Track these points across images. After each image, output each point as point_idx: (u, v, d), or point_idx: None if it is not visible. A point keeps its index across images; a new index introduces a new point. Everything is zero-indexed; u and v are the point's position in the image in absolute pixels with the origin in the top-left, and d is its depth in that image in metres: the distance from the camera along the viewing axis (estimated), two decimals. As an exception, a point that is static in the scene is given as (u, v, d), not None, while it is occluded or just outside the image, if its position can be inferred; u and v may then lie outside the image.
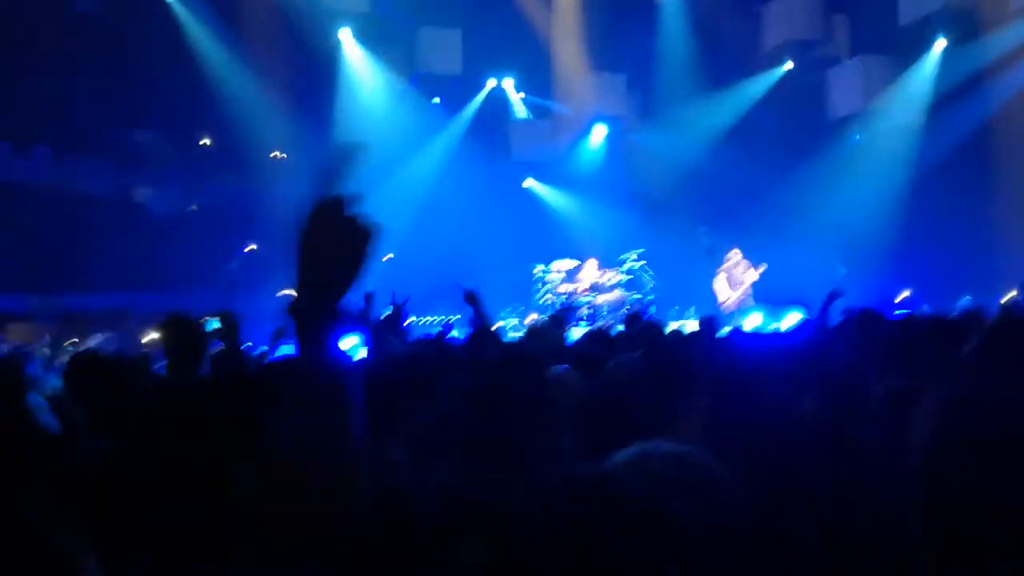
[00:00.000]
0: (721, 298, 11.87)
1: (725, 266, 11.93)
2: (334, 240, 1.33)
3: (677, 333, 5.79)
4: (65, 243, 12.46)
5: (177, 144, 14.41)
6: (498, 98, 15.91)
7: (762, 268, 11.69)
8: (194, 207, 14.42)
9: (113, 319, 9.94)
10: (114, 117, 13.46)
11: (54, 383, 5.64)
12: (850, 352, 3.87)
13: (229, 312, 4.20)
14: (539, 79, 15.54)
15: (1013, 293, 9.21)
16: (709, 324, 6.47)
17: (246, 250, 10.47)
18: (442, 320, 12.70)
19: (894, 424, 1.99)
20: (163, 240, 13.20)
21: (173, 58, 13.34)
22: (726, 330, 6.94)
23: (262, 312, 11.80)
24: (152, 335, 9.34)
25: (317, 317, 1.30)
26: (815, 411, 2.30)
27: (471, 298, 4.75)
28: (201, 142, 14.57)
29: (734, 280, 11.73)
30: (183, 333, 3.93)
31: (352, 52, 14.76)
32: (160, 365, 5.19)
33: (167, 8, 13.49)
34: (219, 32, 13.73)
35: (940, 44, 13.26)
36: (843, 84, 14.50)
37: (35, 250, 12.14)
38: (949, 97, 12.90)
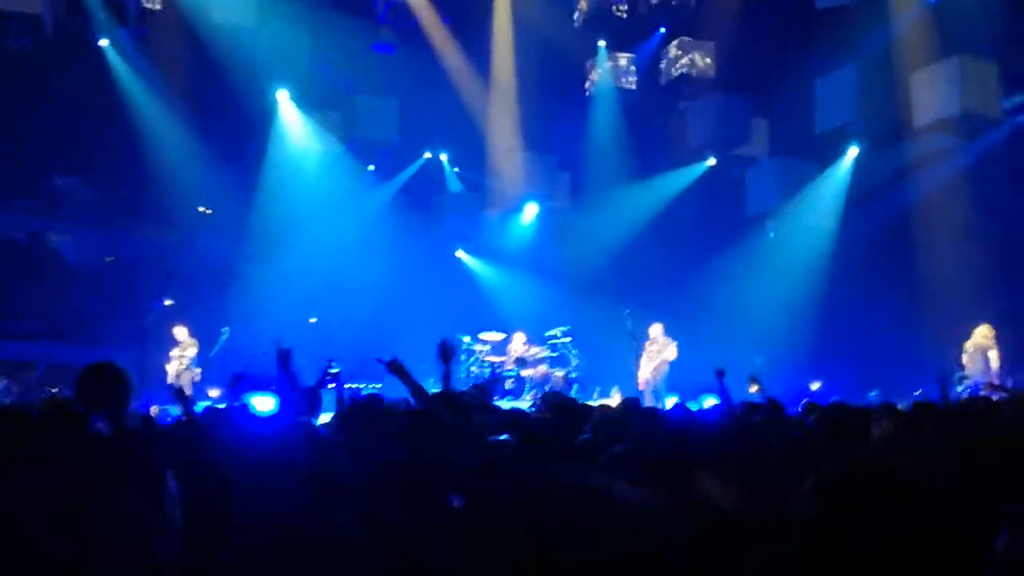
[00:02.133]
0: (640, 375, 12.04)
1: (647, 344, 12.16)
2: None
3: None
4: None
5: (98, 191, 13.96)
6: (432, 170, 16.12)
7: (672, 349, 11.92)
8: (110, 258, 13.90)
9: (19, 369, 9.38)
10: (36, 159, 13.01)
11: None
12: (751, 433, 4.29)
13: None
14: (473, 155, 15.84)
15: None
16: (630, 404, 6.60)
17: (163, 304, 10.12)
18: (363, 388, 12.49)
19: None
20: (77, 289, 12.64)
21: (101, 103, 13.07)
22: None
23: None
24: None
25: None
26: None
27: (395, 368, 4.64)
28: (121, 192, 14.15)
29: (649, 357, 11.94)
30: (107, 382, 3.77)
31: (288, 113, 14.76)
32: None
33: (99, 53, 13.26)
34: (152, 80, 13.54)
35: (853, 151, 14.18)
36: (760, 183, 15.29)
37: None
38: (861, 201, 13.76)
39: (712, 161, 15.60)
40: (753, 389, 12.17)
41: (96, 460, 2.59)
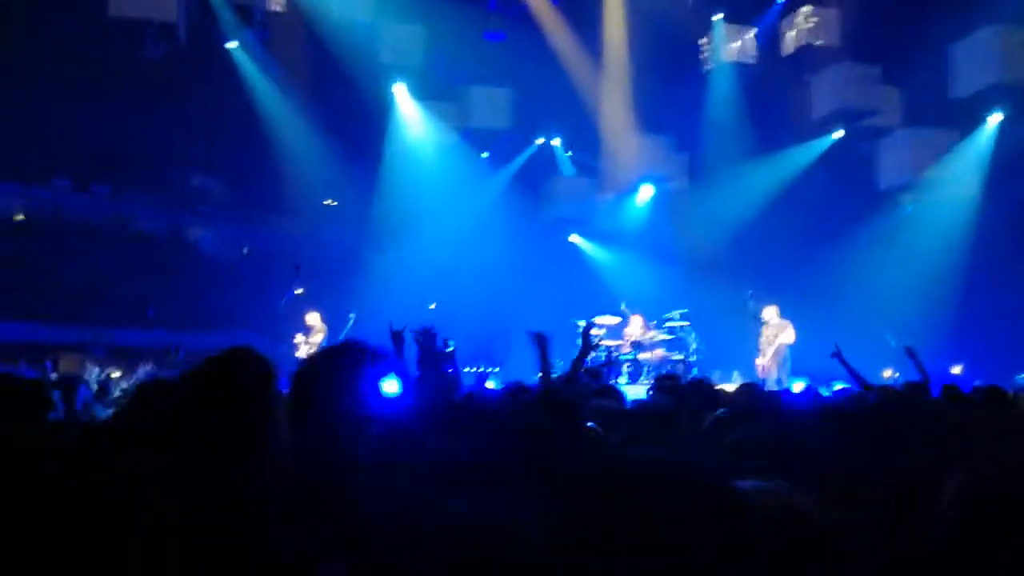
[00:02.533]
0: (758, 361, 11.68)
1: (763, 328, 11.76)
2: None
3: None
4: (118, 278, 12.77)
5: (232, 187, 14.81)
6: (546, 155, 16.12)
7: (789, 332, 11.44)
8: (245, 250, 14.75)
9: (160, 356, 10.09)
10: (172, 158, 13.91)
11: (102, 413, 5.70)
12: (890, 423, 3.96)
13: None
14: (587, 138, 15.73)
15: None
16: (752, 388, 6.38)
17: (295, 292, 10.63)
18: (482, 371, 12.70)
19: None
20: (214, 280, 13.46)
21: (232, 104, 13.80)
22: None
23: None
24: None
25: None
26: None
27: (541, 341, 4.82)
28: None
29: (767, 341, 11.54)
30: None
31: (405, 106, 15.14)
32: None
33: (229, 56, 13.99)
34: (276, 79, 14.19)
35: (996, 118, 13.18)
36: (893, 155, 14.43)
37: (89, 284, 12.45)
38: (1006, 170, 12.77)
39: (840, 134, 14.83)
40: (887, 374, 11.58)
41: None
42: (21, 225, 13.09)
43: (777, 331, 11.39)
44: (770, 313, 11.56)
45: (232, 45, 13.96)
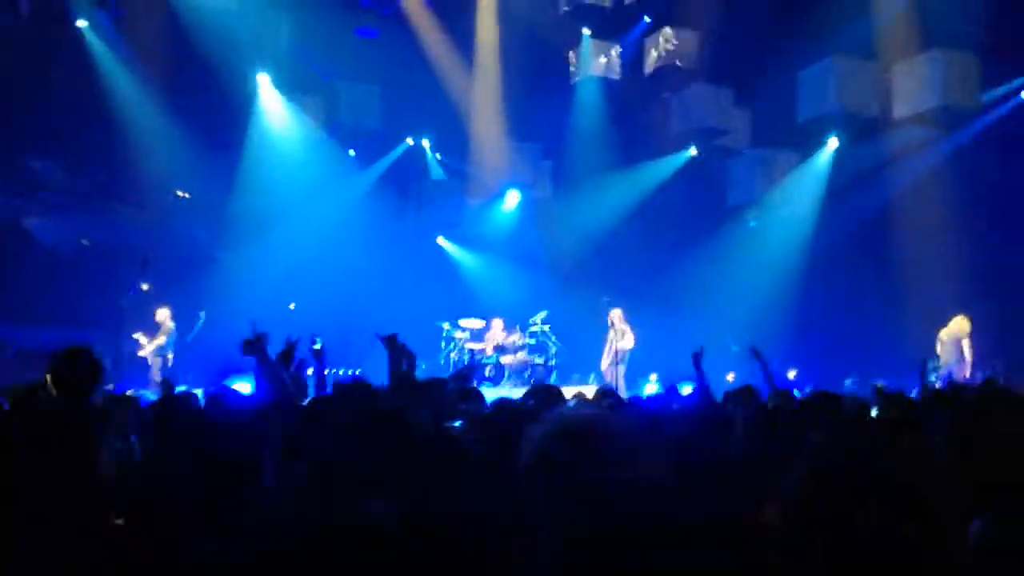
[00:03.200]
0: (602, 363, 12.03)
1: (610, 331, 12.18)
2: None
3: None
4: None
5: (74, 173, 13.79)
6: (414, 156, 16.05)
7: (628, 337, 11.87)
8: (86, 241, 13.75)
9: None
10: (8, 140, 12.82)
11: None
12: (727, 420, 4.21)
13: None
14: (456, 142, 15.79)
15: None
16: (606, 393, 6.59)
17: (140, 288, 10.04)
18: (342, 372, 12.46)
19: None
20: (52, 273, 12.51)
21: (78, 85, 12.88)
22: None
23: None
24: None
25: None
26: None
27: (391, 343, 4.77)
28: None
29: (610, 343, 11.94)
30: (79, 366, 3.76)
31: (268, 97, 14.63)
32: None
33: (77, 33, 13.07)
34: (129, 62, 13.37)
35: (833, 142, 14.25)
36: (741, 173, 15.35)
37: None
38: (841, 191, 13.85)
39: (694, 151, 15.63)
40: (730, 378, 12.25)
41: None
42: None
43: (619, 334, 11.74)
44: (615, 316, 11.87)
45: (82, 23, 13.05)
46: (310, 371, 5.95)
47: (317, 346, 5.52)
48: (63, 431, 2.70)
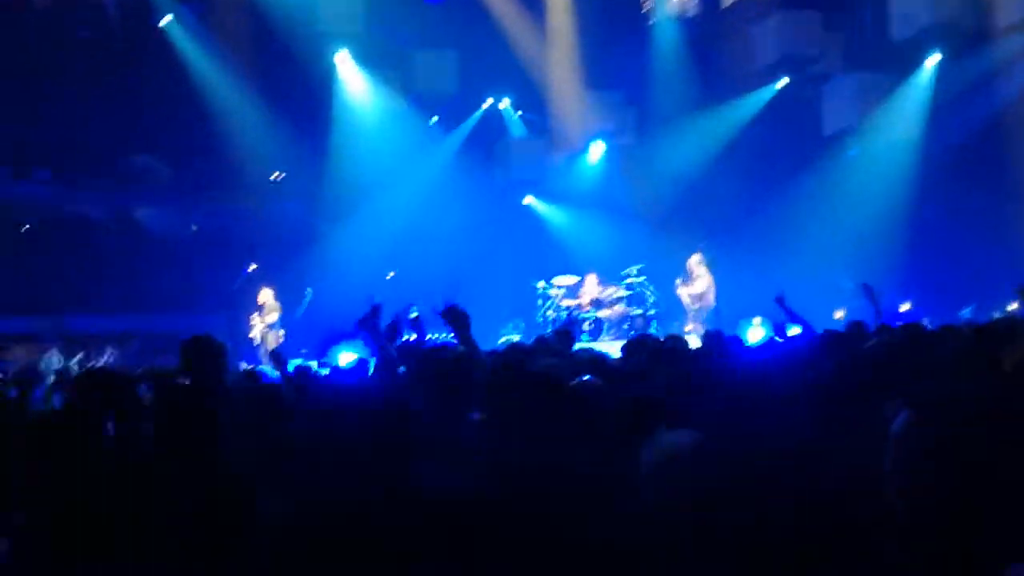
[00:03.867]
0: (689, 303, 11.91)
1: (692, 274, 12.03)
2: None
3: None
4: (67, 264, 12.47)
5: (176, 166, 14.46)
6: (495, 117, 16.01)
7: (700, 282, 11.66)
8: (194, 228, 14.46)
9: (117, 340, 9.93)
10: (113, 140, 13.52)
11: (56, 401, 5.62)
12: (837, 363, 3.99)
13: None
14: (535, 98, 15.64)
15: (1014, 305, 9.23)
16: (714, 339, 6.47)
17: (248, 270, 10.50)
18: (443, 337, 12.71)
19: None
20: (164, 261, 13.22)
21: (170, 81, 13.42)
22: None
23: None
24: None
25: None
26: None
27: (450, 316, 4.19)
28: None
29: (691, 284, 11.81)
30: (204, 351, 4.01)
31: (348, 73, 14.86)
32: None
33: (163, 33, 13.58)
34: (215, 54, 13.82)
35: (933, 59, 13.42)
36: (837, 100, 14.61)
37: (38, 272, 12.14)
38: (946, 110, 13.06)
39: (784, 82, 14.98)
40: (839, 315, 11.87)
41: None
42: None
43: (696, 279, 11.62)
44: (692, 262, 11.73)
45: (166, 21, 13.54)
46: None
47: (414, 314, 5.63)
48: (198, 412, 2.89)
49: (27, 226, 12.78)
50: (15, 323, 10.95)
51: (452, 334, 4.29)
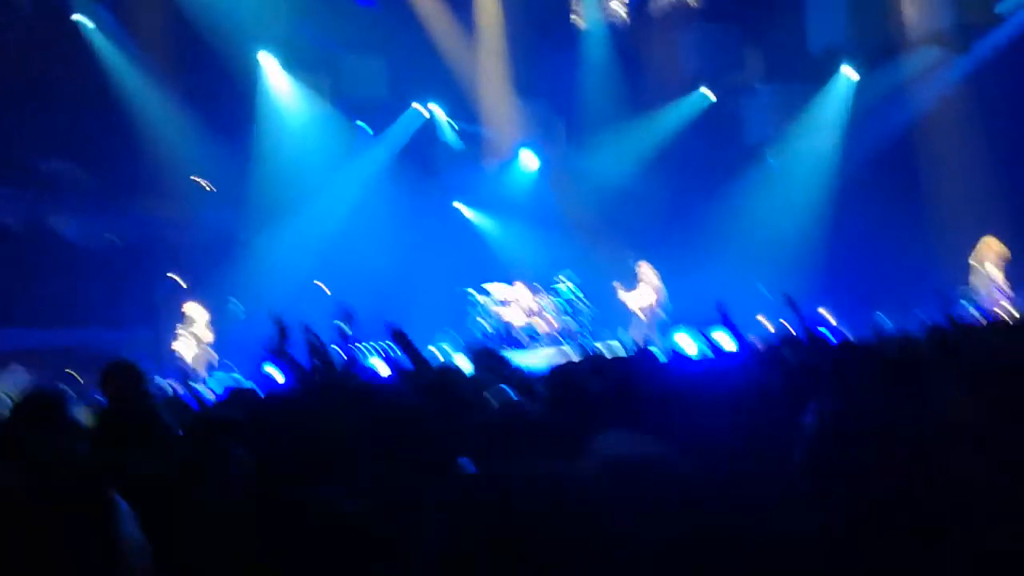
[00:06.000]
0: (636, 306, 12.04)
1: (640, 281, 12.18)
2: None
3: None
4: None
5: (93, 171, 13.86)
6: (426, 124, 15.94)
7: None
8: (112, 237, 13.89)
9: (31, 357, 9.48)
10: (24, 144, 12.88)
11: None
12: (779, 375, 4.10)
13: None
14: (465, 105, 15.65)
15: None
16: (645, 351, 6.58)
17: (173, 281, 10.17)
18: (375, 346, 12.59)
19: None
20: (82, 272, 12.67)
21: (83, 81, 12.88)
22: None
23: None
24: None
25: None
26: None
27: (399, 337, 4.48)
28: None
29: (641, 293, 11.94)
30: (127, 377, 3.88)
31: (274, 75, 14.55)
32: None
33: (79, 31, 13.03)
34: (133, 53, 13.34)
35: (848, 70, 13.97)
36: (757, 110, 15.12)
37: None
38: (860, 120, 13.63)
39: (707, 92, 15.39)
40: (761, 319, 12.22)
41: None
42: None
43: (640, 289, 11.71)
44: (641, 270, 11.84)
45: (81, 18, 13.00)
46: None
47: (341, 324, 5.54)
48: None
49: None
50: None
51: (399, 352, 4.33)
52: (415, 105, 15.66)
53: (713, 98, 15.39)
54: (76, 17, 12.89)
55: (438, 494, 1.88)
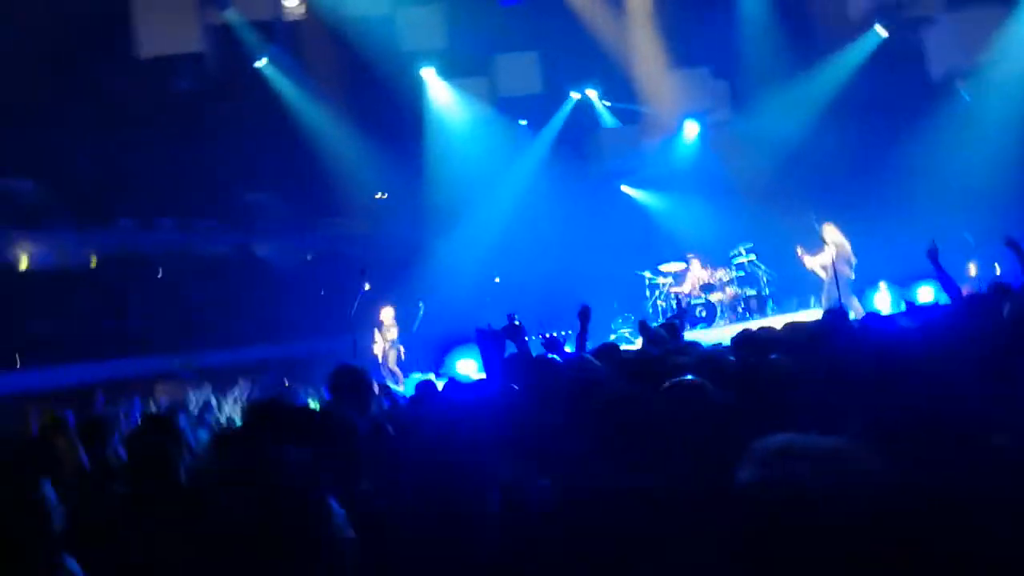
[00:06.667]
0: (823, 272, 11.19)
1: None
2: None
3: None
4: (197, 303, 13.27)
5: (286, 199, 15.18)
6: (584, 109, 15.96)
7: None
8: (310, 256, 15.17)
9: (251, 371, 10.47)
10: (226, 183, 14.29)
11: (202, 436, 5.98)
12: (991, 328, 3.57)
13: None
14: (622, 85, 15.50)
15: None
16: (838, 314, 6.17)
17: (364, 290, 10.92)
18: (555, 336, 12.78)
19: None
20: (286, 290, 13.89)
21: (273, 120, 14.08)
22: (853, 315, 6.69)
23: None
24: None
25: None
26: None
27: (584, 315, 5.00)
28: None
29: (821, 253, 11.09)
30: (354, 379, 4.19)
31: (436, 88, 15.21)
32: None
33: (259, 75, 14.27)
34: (310, 88, 14.41)
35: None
36: (941, 42, 13.82)
37: (170, 312, 12.96)
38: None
39: (881, 30, 14.22)
40: (972, 271, 11.19)
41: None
42: (94, 270, 13.61)
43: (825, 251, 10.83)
44: (826, 232, 10.99)
45: (261, 63, 14.21)
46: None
47: (516, 324, 5.69)
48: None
49: (160, 274, 13.64)
50: (154, 362, 11.70)
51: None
52: (574, 95, 15.74)
53: (885, 35, 14.18)
54: (259, 64, 14.09)
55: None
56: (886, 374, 2.37)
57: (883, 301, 10.80)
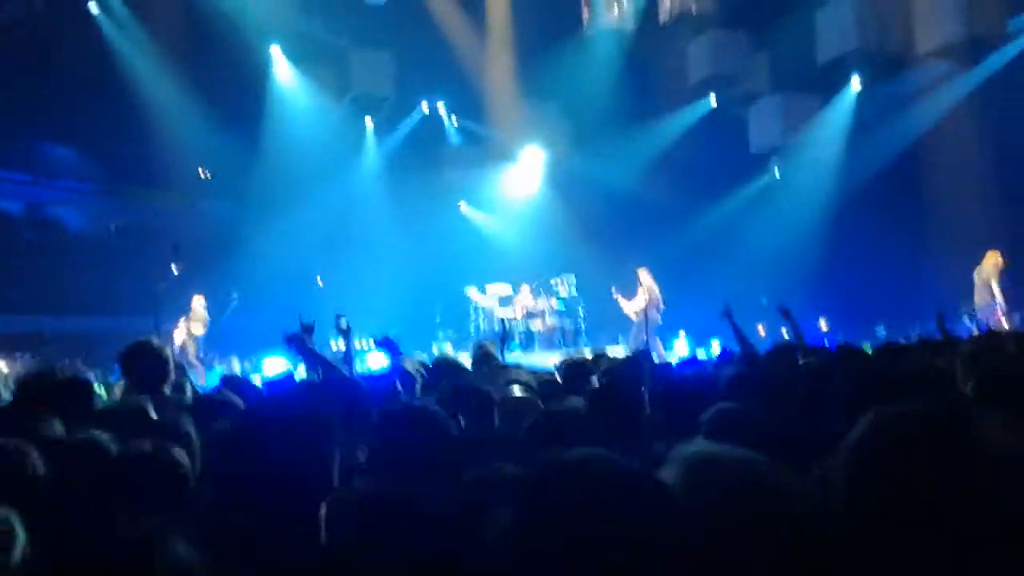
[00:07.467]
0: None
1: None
2: None
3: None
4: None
5: (96, 159, 13.84)
6: (432, 122, 15.93)
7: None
8: (114, 227, 13.84)
9: (30, 342, 9.43)
10: (27, 129, 12.86)
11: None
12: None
13: None
14: (471, 104, 15.63)
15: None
16: (644, 355, 6.54)
17: (174, 271, 10.11)
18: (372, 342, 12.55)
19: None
20: (83, 259, 12.63)
21: (95, 70, 12.87)
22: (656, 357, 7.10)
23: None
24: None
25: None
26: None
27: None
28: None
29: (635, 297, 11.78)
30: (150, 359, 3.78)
31: (282, 69, 14.56)
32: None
33: (91, 19, 13.03)
34: (143, 44, 13.32)
35: (856, 82, 13.93)
36: (763, 119, 15.06)
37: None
38: (866, 132, 13.57)
39: (713, 100, 15.34)
40: (760, 330, 12.17)
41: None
42: None
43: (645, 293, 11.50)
44: (642, 275, 11.65)
45: (94, 8, 12.99)
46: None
47: (343, 326, 5.52)
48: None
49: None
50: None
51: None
52: (424, 106, 15.66)
53: (715, 105, 15.33)
54: (90, 7, 12.88)
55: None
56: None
57: (682, 347, 11.60)
